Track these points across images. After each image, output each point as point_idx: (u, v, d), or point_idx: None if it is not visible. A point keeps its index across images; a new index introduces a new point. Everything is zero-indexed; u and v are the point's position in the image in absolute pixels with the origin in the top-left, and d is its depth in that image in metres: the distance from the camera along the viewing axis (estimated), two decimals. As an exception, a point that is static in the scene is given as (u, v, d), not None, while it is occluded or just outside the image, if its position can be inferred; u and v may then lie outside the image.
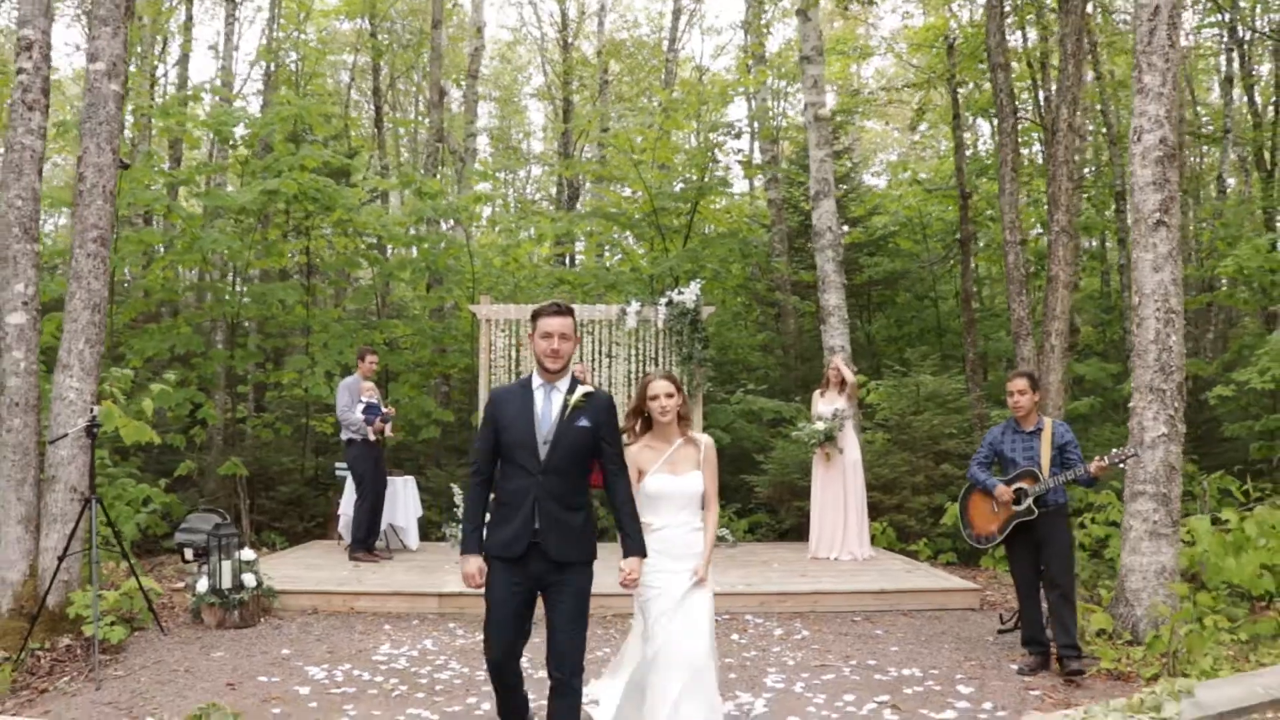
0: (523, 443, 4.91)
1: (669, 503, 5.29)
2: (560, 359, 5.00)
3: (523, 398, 5.04)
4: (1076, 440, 7.44)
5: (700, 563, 5.24)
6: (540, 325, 5.01)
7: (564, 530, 4.88)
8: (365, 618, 8.94)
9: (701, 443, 5.43)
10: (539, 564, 4.86)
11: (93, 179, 8.69)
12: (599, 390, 5.18)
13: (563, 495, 4.90)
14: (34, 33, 8.58)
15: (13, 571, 8.07)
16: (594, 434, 5.00)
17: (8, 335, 8.24)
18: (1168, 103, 8.16)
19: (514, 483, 4.93)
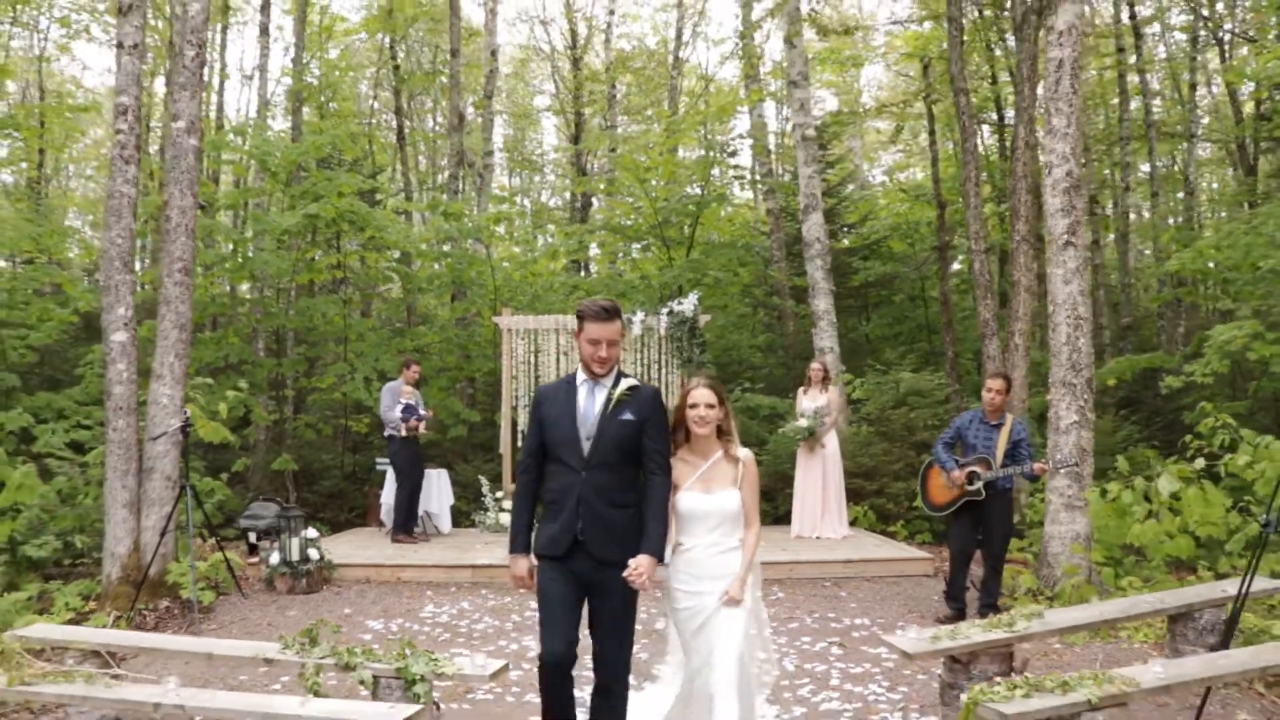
0: (566, 439, 4.96)
1: (700, 523, 5.10)
2: (607, 366, 5.03)
3: (566, 394, 5.08)
4: (1029, 440, 9.11)
5: (734, 584, 5.04)
6: (587, 330, 4.99)
7: (609, 528, 4.90)
8: (410, 586, 10.80)
9: (741, 458, 5.19)
10: (583, 563, 4.89)
11: (177, 219, 10.57)
12: (645, 384, 5.18)
13: (608, 492, 4.92)
14: (128, 99, 10.45)
15: (120, 546, 9.95)
16: (638, 428, 4.99)
17: (112, 350, 10.12)
18: (1072, 141, 9.94)
19: (559, 480, 4.99)
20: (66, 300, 15.59)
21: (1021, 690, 5.11)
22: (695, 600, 5.05)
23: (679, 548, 5.13)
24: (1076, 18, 10.02)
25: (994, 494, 8.71)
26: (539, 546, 5.01)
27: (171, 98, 11.12)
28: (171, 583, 9.94)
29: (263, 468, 16.72)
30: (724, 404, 5.16)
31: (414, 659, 5.57)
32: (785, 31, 17.13)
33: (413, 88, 28.14)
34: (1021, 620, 6.40)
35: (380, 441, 16.25)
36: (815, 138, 17.35)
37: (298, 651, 5.87)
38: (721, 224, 22.19)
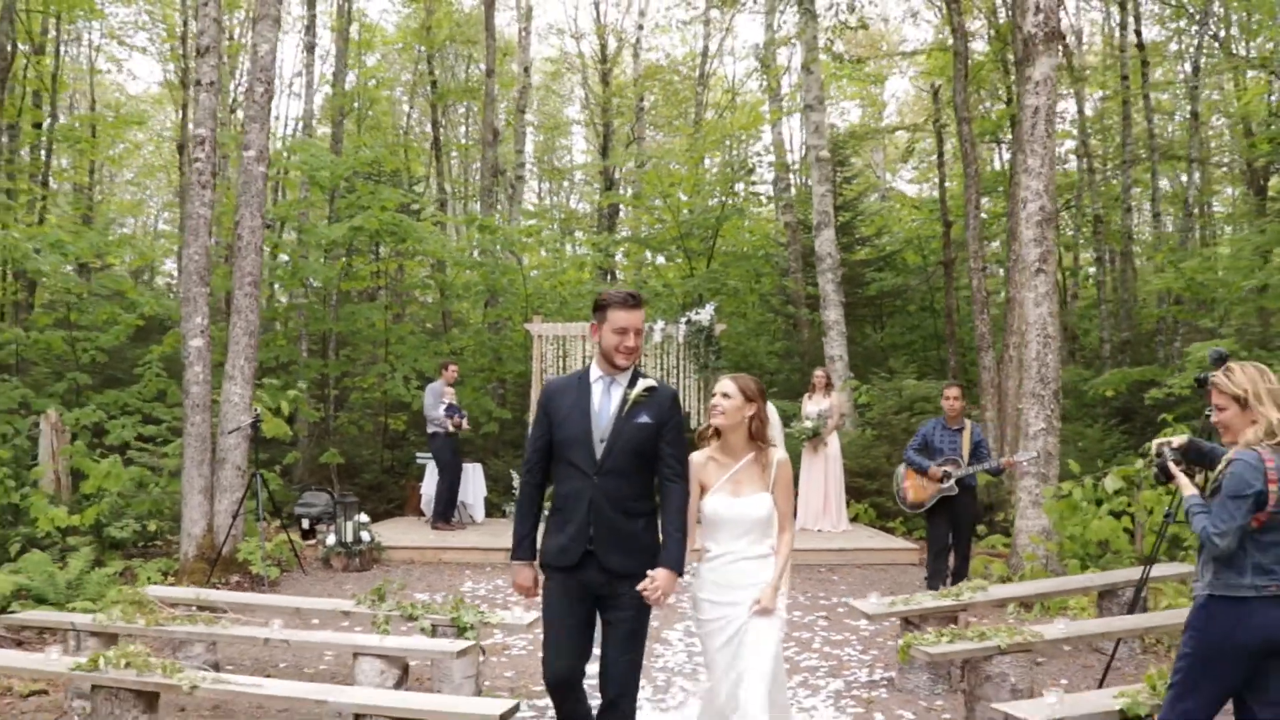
0: (577, 440, 4.70)
1: (727, 528, 4.89)
2: (632, 358, 4.77)
3: (579, 391, 4.80)
4: (987, 441, 10.50)
5: (765, 591, 4.82)
6: (611, 318, 4.71)
7: (622, 538, 4.65)
8: (451, 566, 12.32)
9: (774, 460, 4.96)
10: (594, 575, 4.64)
11: (248, 237, 12.14)
12: (663, 384, 4.93)
13: (622, 499, 4.67)
14: (205, 131, 12.02)
15: (195, 528, 11.50)
16: (655, 432, 4.74)
17: (190, 354, 11.68)
18: (1046, 179, 11.33)
19: (568, 485, 4.72)
20: (132, 305, 17.21)
21: (947, 637, 6.57)
22: (724, 611, 4.83)
23: (706, 554, 4.96)
24: (1052, 69, 11.40)
25: (963, 490, 10.11)
26: (546, 556, 4.79)
27: (243, 130, 12.64)
28: (242, 560, 11.49)
29: (308, 461, 18.32)
30: (754, 402, 4.91)
31: (464, 611, 7.09)
32: (803, 59, 18.58)
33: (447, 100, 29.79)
34: (967, 592, 7.86)
35: (417, 437, 17.86)
36: (829, 159, 18.78)
37: (370, 606, 7.40)
38: (741, 237, 23.69)
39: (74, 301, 17.44)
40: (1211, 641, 4.43)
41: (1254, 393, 4.44)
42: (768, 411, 5.03)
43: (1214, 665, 4.45)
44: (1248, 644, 4.36)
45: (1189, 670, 4.48)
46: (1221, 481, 4.43)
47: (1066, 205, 23.44)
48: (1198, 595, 4.55)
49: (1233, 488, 4.33)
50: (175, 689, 5.41)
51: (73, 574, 10.35)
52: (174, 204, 37.15)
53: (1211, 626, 4.43)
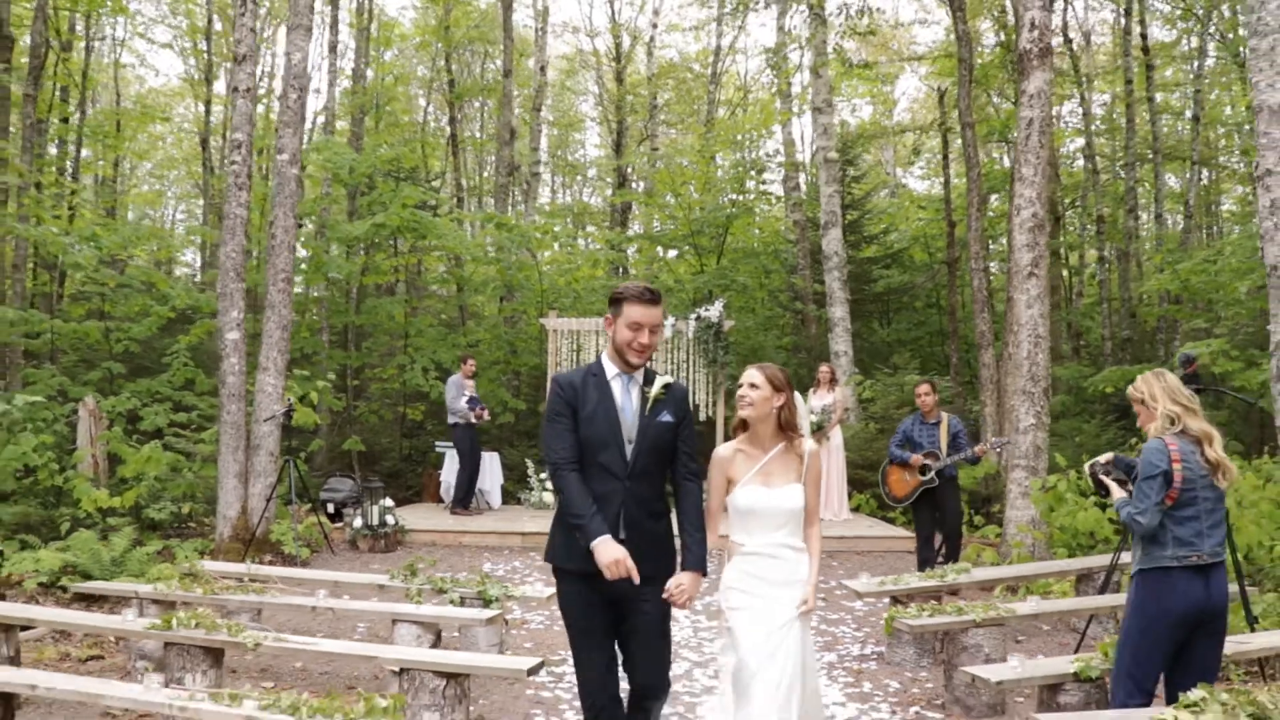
0: (607, 442, 4.55)
1: (761, 521, 4.78)
2: (646, 355, 4.63)
3: (601, 390, 4.64)
4: (965, 432, 11.22)
5: (807, 590, 4.76)
6: (627, 313, 4.57)
7: (651, 541, 4.56)
8: (470, 549, 13.10)
9: (805, 451, 4.88)
10: (622, 580, 4.38)
11: (281, 236, 12.91)
12: (676, 381, 4.81)
13: (648, 501, 4.59)
14: (242, 135, 12.78)
15: (230, 510, 12.28)
16: (675, 430, 4.67)
17: (226, 346, 12.46)
18: (1038, 187, 12.04)
19: (594, 487, 4.51)
20: (163, 297, 18.00)
21: (928, 612, 7.31)
22: (759, 604, 4.71)
23: (738, 549, 4.84)
24: (1045, 83, 12.09)
25: (944, 480, 10.81)
26: (564, 560, 4.61)
27: (277, 134, 13.40)
28: (275, 540, 12.27)
29: (329, 449, 19.11)
30: (782, 392, 4.82)
31: (489, 585, 7.85)
32: (812, 63, 19.27)
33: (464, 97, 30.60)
34: (951, 574, 8.60)
35: (434, 427, 18.65)
36: (837, 160, 19.49)
37: (403, 580, 8.17)
38: (750, 234, 24.45)
39: (108, 293, 18.23)
40: (1147, 612, 5.17)
41: (1149, 394, 5.29)
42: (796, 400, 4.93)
43: (1149, 634, 5.18)
44: (1174, 610, 5.10)
45: (1130, 640, 5.22)
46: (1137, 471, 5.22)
47: (1072, 204, 24.12)
48: (1133, 574, 5.29)
49: (1143, 471, 5.12)
50: (240, 646, 6.17)
51: (117, 552, 11.12)
52: (190, 195, 38.08)
53: (1145, 598, 5.18)
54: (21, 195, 19.06)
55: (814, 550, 4.88)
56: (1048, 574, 9.14)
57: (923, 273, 23.66)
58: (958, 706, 6.75)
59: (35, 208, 18.83)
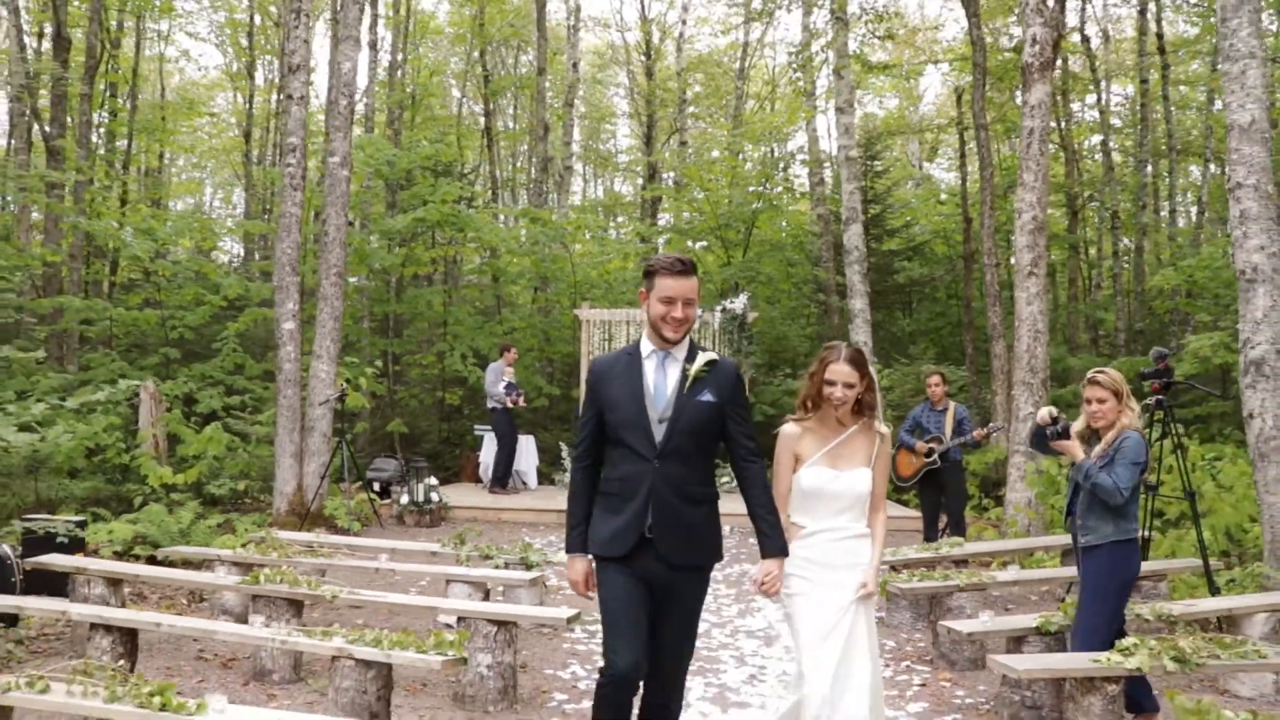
0: (633, 422, 4.43)
1: (827, 504, 4.73)
2: (682, 330, 4.47)
3: (629, 369, 4.53)
4: (970, 418, 12.20)
5: (869, 574, 4.70)
6: (659, 285, 4.43)
7: (682, 527, 4.42)
8: (509, 525, 14.20)
9: (877, 434, 4.81)
10: (652, 565, 4.40)
11: (333, 234, 14.01)
12: (724, 358, 4.64)
13: (682, 484, 4.43)
14: (296, 140, 13.88)
15: (287, 487, 13.42)
16: (719, 411, 4.48)
17: (283, 336, 13.59)
18: (1038, 192, 12.96)
19: (624, 469, 4.46)
20: (215, 286, 19.16)
21: (917, 577, 8.34)
22: (820, 591, 4.65)
23: (800, 531, 4.74)
24: (1046, 95, 13.03)
25: (947, 463, 11.75)
26: (596, 545, 4.52)
27: (328, 138, 14.48)
28: (328, 515, 13.41)
29: (372, 431, 20.28)
30: (867, 375, 4.74)
31: (530, 552, 8.93)
32: (834, 65, 20.19)
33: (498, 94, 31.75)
34: (945, 547, 9.63)
35: (472, 411, 19.79)
36: (858, 159, 20.41)
37: (453, 548, 9.27)
38: (776, 226, 25.48)
39: (162, 283, 19.42)
40: (1122, 576, 6.01)
41: (1126, 392, 6.10)
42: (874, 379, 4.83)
43: (1124, 594, 6.09)
44: (1137, 573, 6.09)
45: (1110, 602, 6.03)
46: (1117, 452, 6.10)
47: (1090, 199, 24.97)
48: (1101, 541, 5.99)
49: (1133, 456, 5.90)
50: (320, 598, 7.26)
51: (183, 524, 12.25)
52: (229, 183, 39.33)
53: (1119, 564, 5.99)
54: (83, 190, 20.31)
55: (878, 535, 4.83)
56: (1034, 548, 10.14)
57: (943, 265, 24.62)
58: (943, 661, 7.77)
59: (94, 203, 20.05)
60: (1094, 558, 6.04)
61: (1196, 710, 4.67)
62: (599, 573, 4.54)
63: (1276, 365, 9.16)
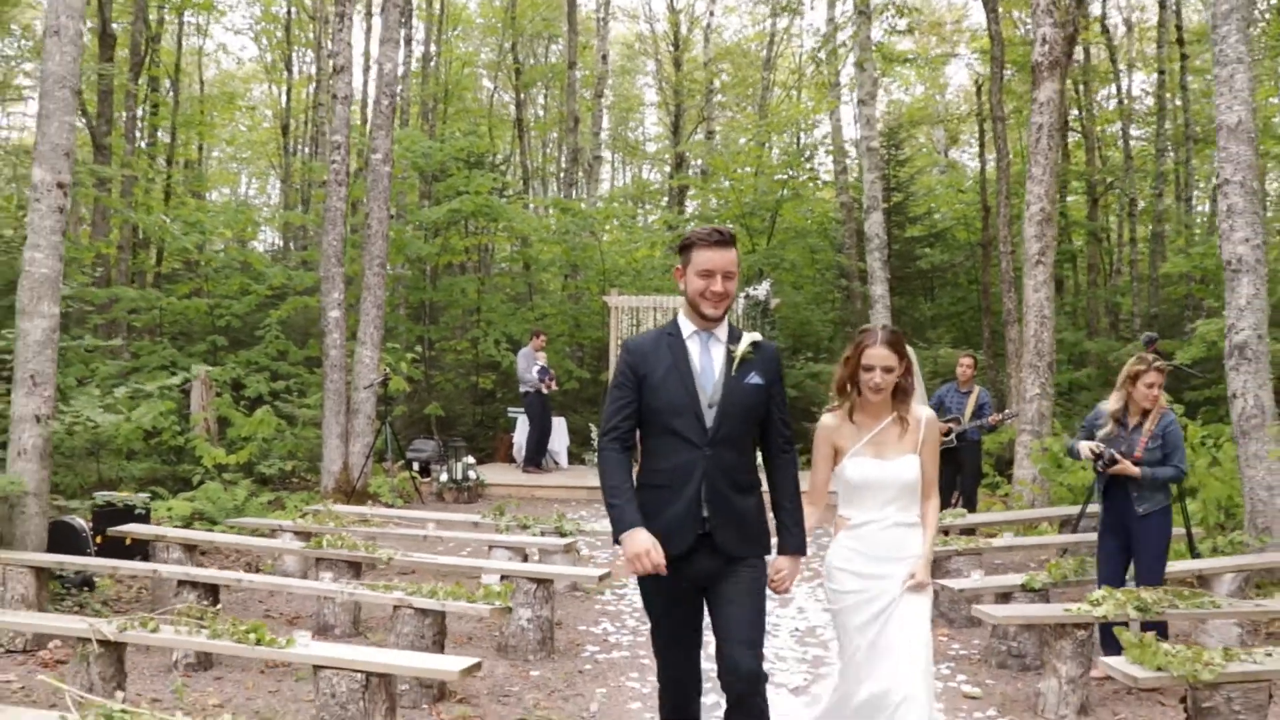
0: (682, 407, 4.19)
1: (873, 494, 4.58)
2: (723, 305, 4.25)
3: (674, 351, 4.27)
4: (991, 403, 12.92)
5: (919, 564, 4.58)
6: (696, 259, 4.20)
7: (738, 517, 4.21)
8: (542, 501, 15.07)
9: (922, 419, 4.65)
10: (707, 561, 4.18)
11: (376, 227, 14.89)
12: (766, 340, 4.45)
13: (734, 473, 4.21)
14: (340, 138, 14.76)
15: (334, 466, 14.34)
16: (766, 393, 4.30)
17: (329, 324, 14.49)
18: (1046, 185, 13.68)
19: (671, 459, 4.20)
20: (259, 276, 20.11)
21: (919, 544, 9.14)
22: (867, 584, 4.52)
23: (845, 523, 4.63)
24: (1054, 93, 13.73)
25: (964, 443, 12.51)
26: None
27: (370, 136, 15.36)
28: (373, 492, 14.32)
29: (409, 414, 21.21)
30: (905, 358, 4.55)
31: (564, 522, 9.79)
32: (856, 58, 20.92)
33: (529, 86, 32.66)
34: (949, 518, 10.43)
35: (505, 394, 20.68)
36: (879, 149, 21.15)
37: (493, 519, 10.14)
38: (800, 214, 26.26)
39: (209, 273, 20.40)
40: (1169, 531, 7.10)
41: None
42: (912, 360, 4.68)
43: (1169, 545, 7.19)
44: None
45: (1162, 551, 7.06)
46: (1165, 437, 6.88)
47: (1110, 187, 25.60)
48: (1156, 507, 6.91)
49: (1179, 438, 6.91)
50: (376, 560, 8.13)
51: (238, 501, 13.18)
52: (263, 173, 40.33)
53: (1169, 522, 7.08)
54: (130, 184, 21.28)
55: (930, 523, 4.71)
56: (1037, 519, 10.91)
57: (963, 251, 25.34)
58: (941, 619, 8.58)
59: (144, 197, 21.02)
60: (1151, 521, 6.98)
61: (1140, 644, 5.49)
62: (642, 582, 4.26)
63: (1258, 349, 9.92)
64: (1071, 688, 6.40)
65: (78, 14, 8.60)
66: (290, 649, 5.48)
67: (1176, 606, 6.57)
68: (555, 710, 6.45)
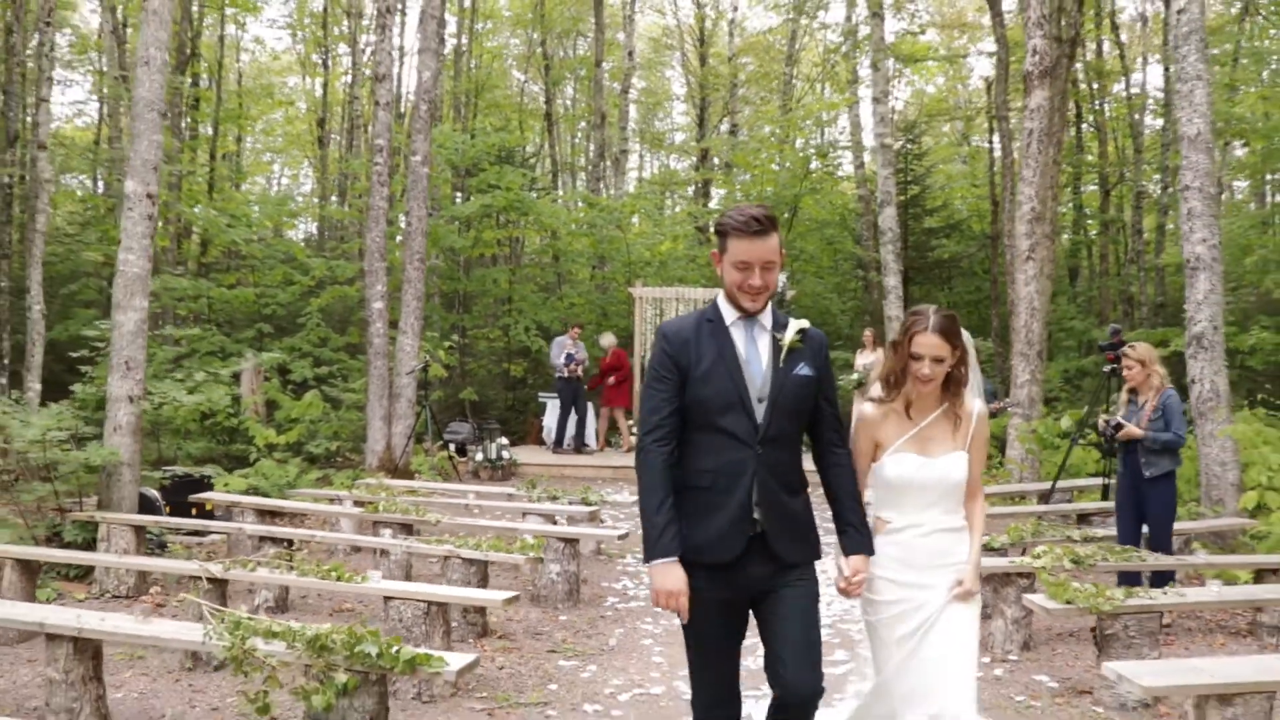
0: (729, 401, 3.85)
1: (916, 495, 4.21)
2: (762, 298, 3.91)
3: (717, 338, 3.92)
4: (990, 389, 14.20)
5: (968, 571, 4.20)
6: (731, 249, 3.85)
7: (790, 520, 3.91)
8: (570, 479, 16.44)
9: (974, 412, 4.27)
10: (759, 568, 3.87)
11: (415, 224, 16.29)
12: (813, 326, 4.11)
13: (784, 472, 3.91)
14: (383, 141, 16.15)
15: (377, 446, 15.77)
16: (817, 385, 3.98)
17: (372, 314, 15.91)
18: (1036, 186, 14.92)
19: (717, 458, 3.87)
20: (303, 267, 21.60)
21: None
22: (909, 594, 4.18)
23: (885, 526, 4.26)
24: (1044, 100, 14.94)
25: None
26: (691, 552, 3.84)
27: (410, 139, 16.74)
28: (413, 470, 15.74)
29: (444, 399, 22.68)
30: (958, 347, 4.16)
31: (590, 494, 11.18)
32: (871, 58, 22.18)
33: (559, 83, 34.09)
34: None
35: (535, 380, 22.13)
36: (892, 146, 22.40)
37: (526, 491, 11.54)
38: (819, 207, 27.58)
39: (256, 264, 21.91)
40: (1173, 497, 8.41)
41: (1150, 359, 8.24)
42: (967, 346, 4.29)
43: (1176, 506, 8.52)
44: None
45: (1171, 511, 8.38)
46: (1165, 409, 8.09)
47: (1121, 179, 26.77)
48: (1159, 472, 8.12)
49: (1178, 409, 8.09)
50: (426, 523, 9.54)
51: (290, 477, 14.62)
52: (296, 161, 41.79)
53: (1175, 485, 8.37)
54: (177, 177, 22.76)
55: (976, 526, 4.34)
56: (1022, 492, 12.23)
57: (977, 242, 26.59)
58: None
59: (192, 191, 22.52)
60: (1159, 484, 8.21)
61: (1057, 584, 6.82)
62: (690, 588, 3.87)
63: (1213, 339, 11.20)
64: (1016, 627, 7.72)
65: (164, 46, 10.01)
66: (366, 584, 6.87)
67: (1107, 559, 7.86)
68: (580, 644, 7.82)
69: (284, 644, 5.06)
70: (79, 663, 5.65)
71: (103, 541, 9.25)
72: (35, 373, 16.89)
